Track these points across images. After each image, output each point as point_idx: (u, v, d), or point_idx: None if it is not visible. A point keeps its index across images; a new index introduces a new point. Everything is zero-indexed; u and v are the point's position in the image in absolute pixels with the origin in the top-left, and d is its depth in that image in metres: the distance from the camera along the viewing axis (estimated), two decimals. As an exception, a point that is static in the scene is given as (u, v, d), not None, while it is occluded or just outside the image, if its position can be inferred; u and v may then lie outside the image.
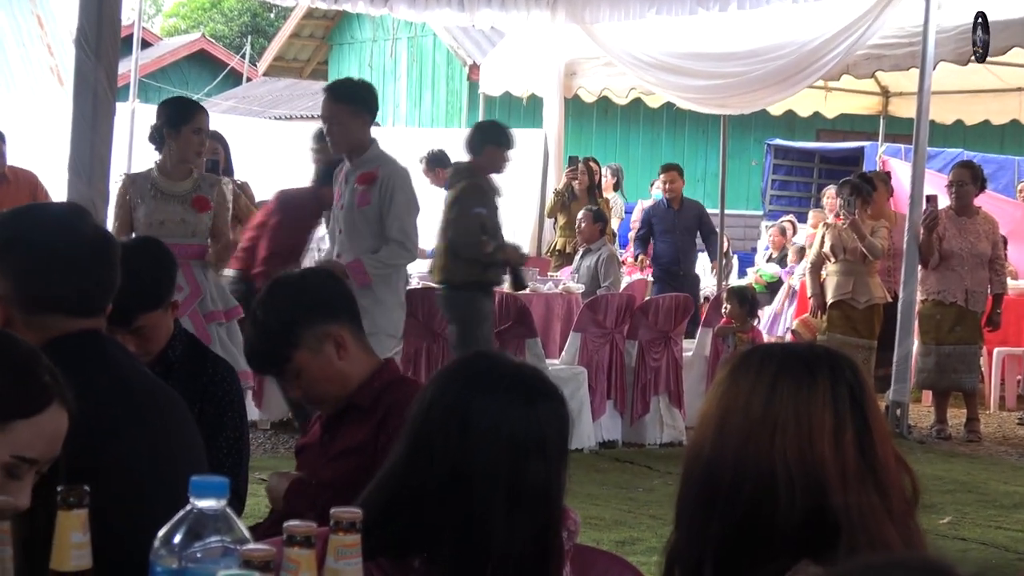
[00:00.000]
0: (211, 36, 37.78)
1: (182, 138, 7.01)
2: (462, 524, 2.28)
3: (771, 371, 2.15)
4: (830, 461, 2.07)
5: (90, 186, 6.16)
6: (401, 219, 7.04)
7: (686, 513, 2.17)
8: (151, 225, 6.97)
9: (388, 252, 7.06)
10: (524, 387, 2.39)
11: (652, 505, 7.62)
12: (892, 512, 2.10)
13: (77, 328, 2.83)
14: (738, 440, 2.11)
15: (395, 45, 21.55)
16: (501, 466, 2.31)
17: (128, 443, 2.79)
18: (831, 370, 2.15)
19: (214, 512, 1.97)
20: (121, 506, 2.56)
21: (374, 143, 7.18)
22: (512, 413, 2.34)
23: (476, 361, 2.49)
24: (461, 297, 8.45)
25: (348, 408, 3.48)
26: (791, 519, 2.06)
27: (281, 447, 9.07)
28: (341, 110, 7.08)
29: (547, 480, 2.35)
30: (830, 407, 2.11)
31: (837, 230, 10.67)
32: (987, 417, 11.43)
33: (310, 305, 3.49)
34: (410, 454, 2.36)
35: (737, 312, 10.03)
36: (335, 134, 7.09)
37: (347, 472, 3.35)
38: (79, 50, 6.35)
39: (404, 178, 7.17)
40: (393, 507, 2.32)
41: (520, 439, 2.33)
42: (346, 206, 7.14)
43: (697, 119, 18.87)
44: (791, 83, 11.72)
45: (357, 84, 7.58)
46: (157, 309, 3.93)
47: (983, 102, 14.33)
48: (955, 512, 7.81)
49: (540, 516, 2.33)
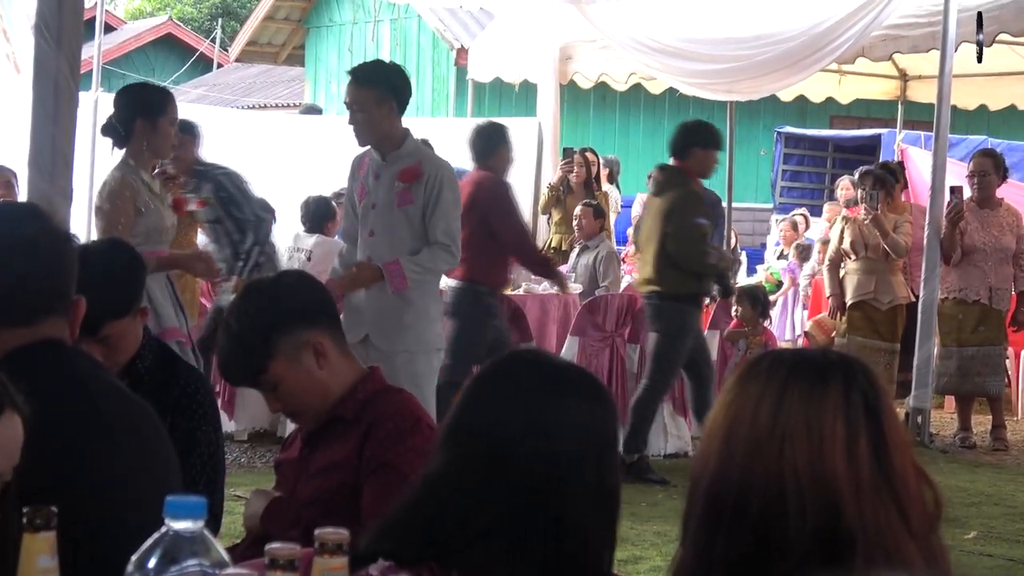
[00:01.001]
0: (178, 19, 37.78)
1: (160, 131, 6.63)
2: (554, 530, 2.32)
3: (780, 378, 2.16)
4: (843, 473, 2.08)
5: (51, 183, 6.09)
6: (447, 220, 6.79)
7: (692, 530, 2.18)
8: (151, 234, 6.56)
9: (431, 255, 6.76)
10: (584, 384, 2.47)
11: (656, 520, 7.63)
12: (911, 527, 2.10)
13: (32, 339, 2.84)
14: (745, 451, 2.12)
15: (376, 28, 21.57)
16: (590, 467, 2.37)
17: (96, 461, 2.80)
18: (844, 376, 2.15)
19: (191, 534, 1.98)
20: (91, 528, 2.57)
21: (408, 135, 6.89)
22: (587, 411, 2.41)
23: (530, 363, 2.52)
24: (672, 308, 8.90)
25: (330, 421, 3.49)
26: (802, 535, 2.06)
27: (258, 461, 9.08)
28: (365, 96, 6.74)
29: (619, 470, 2.48)
30: (842, 415, 2.11)
31: (857, 224, 10.66)
32: (1014, 424, 11.46)
33: (285, 311, 3.49)
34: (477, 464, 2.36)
35: (749, 314, 9.98)
36: (359, 123, 6.77)
37: (329, 489, 3.36)
38: (38, 37, 6.31)
39: (451, 176, 6.94)
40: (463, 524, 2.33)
41: (600, 436, 2.41)
42: (380, 205, 6.83)
43: (702, 106, 18.86)
44: (802, 67, 11.74)
45: (385, 67, 7.25)
46: (125, 317, 3.94)
47: (1008, 85, 14.34)
48: (981, 526, 7.83)
49: (617, 509, 2.43)
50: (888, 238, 10.36)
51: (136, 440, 2.91)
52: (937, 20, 10.48)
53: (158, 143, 6.66)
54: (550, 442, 2.35)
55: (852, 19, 11.07)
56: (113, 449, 2.84)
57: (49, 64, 6.14)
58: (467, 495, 2.34)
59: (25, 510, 2.02)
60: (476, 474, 2.35)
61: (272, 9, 23.60)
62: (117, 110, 6.73)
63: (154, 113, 6.61)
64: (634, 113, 20.92)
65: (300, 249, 10.11)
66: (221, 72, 32.38)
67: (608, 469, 2.41)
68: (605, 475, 2.39)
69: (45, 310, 2.89)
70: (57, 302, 2.91)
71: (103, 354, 3.81)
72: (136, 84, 7.69)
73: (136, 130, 6.58)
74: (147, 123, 6.59)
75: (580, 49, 13.63)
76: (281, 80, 29.09)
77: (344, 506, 3.25)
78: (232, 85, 30.00)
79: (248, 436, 9.69)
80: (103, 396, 2.92)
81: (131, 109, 6.66)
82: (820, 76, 13.41)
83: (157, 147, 6.69)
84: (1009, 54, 12.95)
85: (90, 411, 2.85)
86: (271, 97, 27.86)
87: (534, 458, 2.34)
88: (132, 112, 6.63)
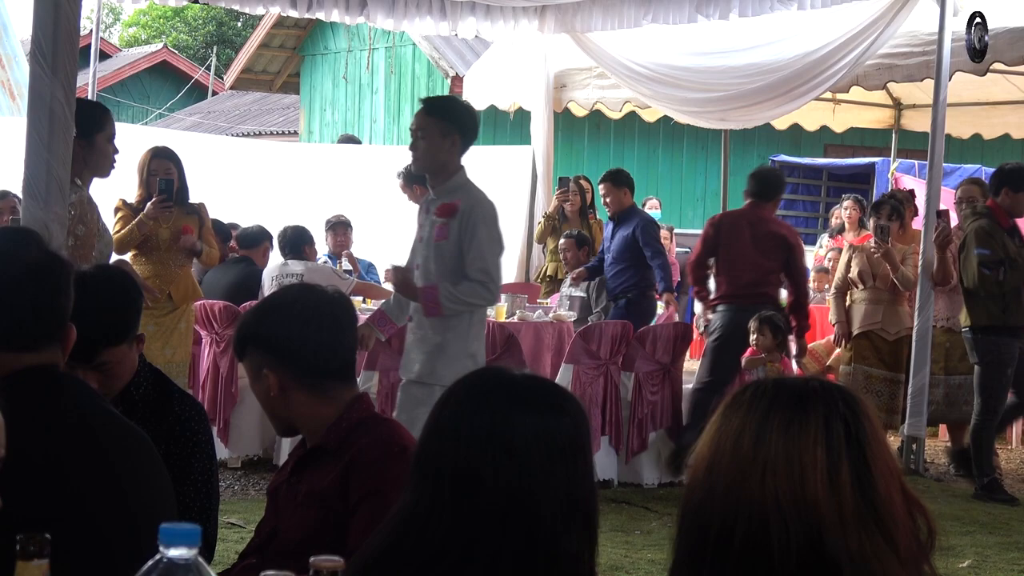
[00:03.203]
0: (174, 47, 37.87)
1: (97, 149, 6.61)
2: (526, 544, 2.33)
3: (762, 407, 2.16)
4: (824, 501, 2.07)
5: (46, 209, 6.11)
6: (483, 258, 6.75)
7: (678, 558, 2.19)
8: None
9: (468, 289, 6.75)
10: (548, 395, 2.48)
11: (650, 548, 7.63)
12: (900, 555, 2.09)
13: (26, 364, 2.84)
14: (727, 482, 2.12)
15: (372, 56, 21.61)
16: (558, 477, 2.37)
17: (91, 488, 2.79)
18: (824, 404, 2.14)
19: (185, 561, 1.98)
20: (85, 556, 2.57)
21: (461, 171, 6.90)
22: (552, 422, 2.41)
23: (488, 379, 2.53)
24: (984, 341, 9.60)
25: (316, 449, 3.50)
26: (787, 564, 2.06)
27: (252, 488, 9.06)
28: (431, 124, 6.80)
29: (592, 479, 2.46)
30: (823, 444, 2.10)
31: (865, 254, 10.66)
32: (1009, 453, 11.46)
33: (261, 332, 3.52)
34: (446, 490, 2.37)
35: (769, 343, 9.87)
36: (419, 148, 6.83)
37: (313, 518, 3.38)
38: (34, 64, 6.32)
39: (489, 212, 6.86)
40: (439, 555, 2.33)
41: (565, 446, 2.40)
42: (425, 239, 6.92)
43: (696, 134, 18.97)
44: (797, 95, 11.77)
45: (459, 103, 7.34)
46: (122, 344, 3.93)
47: (1002, 114, 14.39)
48: (975, 555, 7.83)
49: (593, 517, 2.43)
50: (898, 272, 10.33)
51: (131, 468, 2.91)
52: (932, 49, 10.51)
53: (95, 160, 6.62)
54: (515, 456, 2.35)
55: (846, 48, 11.10)
56: (108, 477, 2.84)
57: (44, 92, 6.16)
58: (440, 522, 2.34)
59: (18, 537, 2.01)
60: (446, 498, 2.35)
61: (267, 37, 23.64)
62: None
63: (90, 130, 6.57)
64: (628, 141, 20.96)
65: (291, 275, 10.15)
66: (216, 100, 32.45)
67: (577, 478, 2.41)
68: (574, 485, 2.40)
69: (48, 336, 2.89)
70: (57, 329, 2.91)
71: (98, 381, 3.80)
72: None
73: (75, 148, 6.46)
74: (84, 140, 6.54)
75: (575, 77, 13.66)
76: (276, 108, 29.15)
77: (328, 535, 3.26)
78: (227, 112, 30.06)
79: (242, 463, 9.68)
80: (99, 424, 2.91)
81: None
82: (814, 104, 13.46)
83: (94, 164, 6.64)
84: (1003, 83, 13.00)
85: (86, 439, 2.84)
86: (266, 125, 27.91)
87: (501, 473, 2.34)
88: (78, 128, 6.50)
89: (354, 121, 22.31)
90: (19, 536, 2.01)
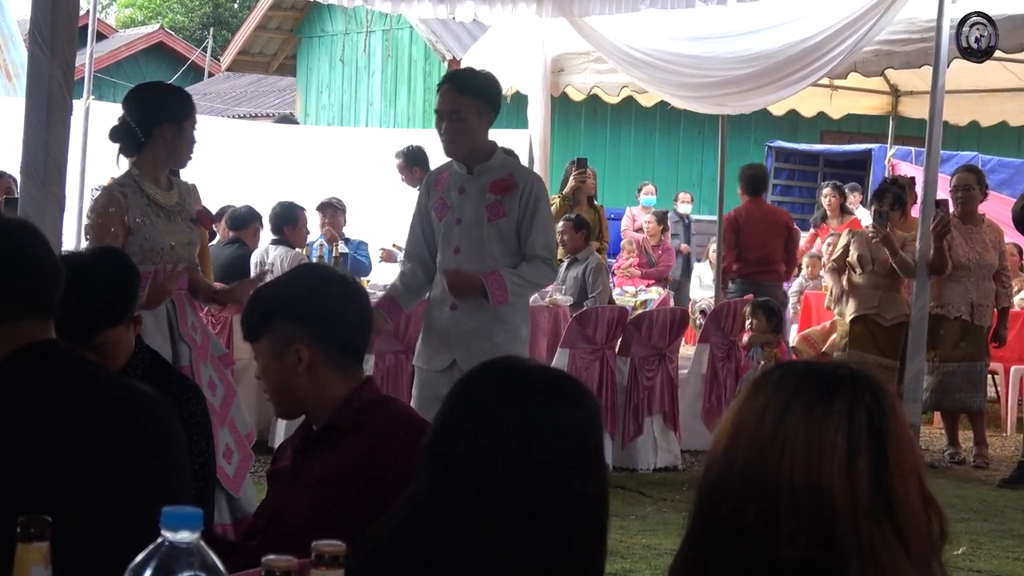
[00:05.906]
0: (170, 28, 37.79)
1: (185, 135, 6.14)
2: (542, 541, 2.31)
3: (789, 388, 2.15)
4: (839, 488, 2.06)
5: (44, 190, 6.07)
6: (547, 233, 6.41)
7: (691, 530, 2.19)
8: (145, 253, 5.98)
9: (533, 269, 6.33)
10: (564, 388, 2.46)
11: (646, 534, 7.62)
12: (910, 551, 2.08)
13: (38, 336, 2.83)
14: (746, 458, 2.12)
15: (369, 39, 21.58)
16: (574, 474, 2.36)
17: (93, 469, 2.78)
18: (851, 392, 2.13)
19: (187, 545, 1.96)
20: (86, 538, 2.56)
21: (497, 148, 6.50)
22: (569, 417, 2.40)
23: (509, 369, 2.50)
24: None
25: (325, 429, 3.47)
26: (794, 548, 2.05)
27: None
28: (466, 104, 6.32)
29: (606, 476, 2.46)
30: (844, 431, 2.09)
31: (864, 239, 10.66)
32: (1003, 440, 11.47)
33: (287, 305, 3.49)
34: (457, 478, 2.35)
35: (764, 327, 9.86)
36: (457, 132, 6.32)
37: (327, 500, 3.33)
38: (33, 44, 6.29)
39: (544, 188, 6.56)
40: (450, 542, 2.32)
41: (581, 441, 2.39)
42: (467, 220, 6.38)
43: (693, 119, 18.91)
44: (794, 81, 11.73)
45: (490, 79, 6.72)
46: (119, 325, 3.94)
47: (1000, 102, 14.36)
48: (970, 542, 7.84)
49: (605, 516, 2.43)
50: (897, 257, 10.30)
51: (137, 445, 2.89)
52: (930, 36, 10.48)
53: (183, 148, 6.17)
54: (530, 448, 2.34)
55: (844, 34, 11.06)
56: (111, 457, 2.82)
57: (43, 72, 6.12)
58: (452, 511, 2.33)
59: (19, 519, 2.00)
60: (459, 487, 2.34)
61: (264, 19, 23.62)
62: (137, 111, 6.19)
63: (181, 116, 6.14)
64: (625, 126, 20.94)
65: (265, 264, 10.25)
66: (212, 81, 32.38)
67: (592, 474, 2.40)
68: (588, 480, 2.39)
69: (49, 306, 2.89)
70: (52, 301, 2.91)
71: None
72: (156, 84, 6.90)
73: (159, 134, 6.10)
74: (174, 126, 6.11)
75: (572, 62, 13.63)
76: (272, 90, 29.10)
77: (343, 517, 3.21)
78: (223, 94, 30.01)
79: (237, 446, 9.66)
80: (103, 401, 2.90)
81: (156, 110, 6.13)
82: (811, 91, 13.42)
83: (181, 153, 6.19)
84: (1001, 70, 12.98)
85: (88, 419, 2.83)
86: (262, 106, 27.86)
87: (515, 465, 2.33)
88: (157, 114, 6.12)
89: (350, 104, 22.29)
90: (20, 518, 2.00)
